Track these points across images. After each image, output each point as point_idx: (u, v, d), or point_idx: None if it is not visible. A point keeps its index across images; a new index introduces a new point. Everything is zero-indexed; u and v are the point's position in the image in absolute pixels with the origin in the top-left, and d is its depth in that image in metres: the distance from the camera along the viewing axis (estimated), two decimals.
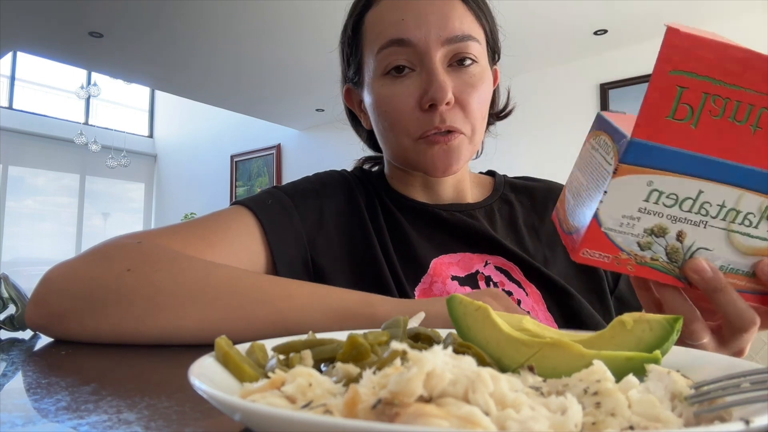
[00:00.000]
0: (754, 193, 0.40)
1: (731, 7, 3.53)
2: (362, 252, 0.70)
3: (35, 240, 6.98)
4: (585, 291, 0.72)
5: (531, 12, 3.49)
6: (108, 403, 0.31)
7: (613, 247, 0.42)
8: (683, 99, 0.39)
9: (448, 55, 0.67)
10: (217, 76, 4.93)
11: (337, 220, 0.72)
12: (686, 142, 0.39)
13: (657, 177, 0.40)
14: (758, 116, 0.40)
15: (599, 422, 0.21)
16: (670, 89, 0.39)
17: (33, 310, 0.54)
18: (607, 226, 0.42)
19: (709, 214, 0.41)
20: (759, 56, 0.39)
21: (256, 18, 3.77)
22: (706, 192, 0.40)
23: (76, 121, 7.35)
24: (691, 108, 0.40)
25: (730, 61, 0.39)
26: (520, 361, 0.29)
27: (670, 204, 0.41)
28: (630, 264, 0.43)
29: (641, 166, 0.39)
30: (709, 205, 0.41)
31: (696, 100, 0.39)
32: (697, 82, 0.39)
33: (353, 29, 0.74)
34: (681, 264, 0.43)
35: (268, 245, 0.65)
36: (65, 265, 0.55)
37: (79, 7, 3.58)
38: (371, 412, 0.20)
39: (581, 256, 0.44)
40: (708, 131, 0.39)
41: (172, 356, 0.49)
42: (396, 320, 0.35)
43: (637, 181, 0.40)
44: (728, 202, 0.41)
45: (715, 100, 0.40)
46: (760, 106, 0.40)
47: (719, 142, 0.39)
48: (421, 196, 0.78)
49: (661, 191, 0.40)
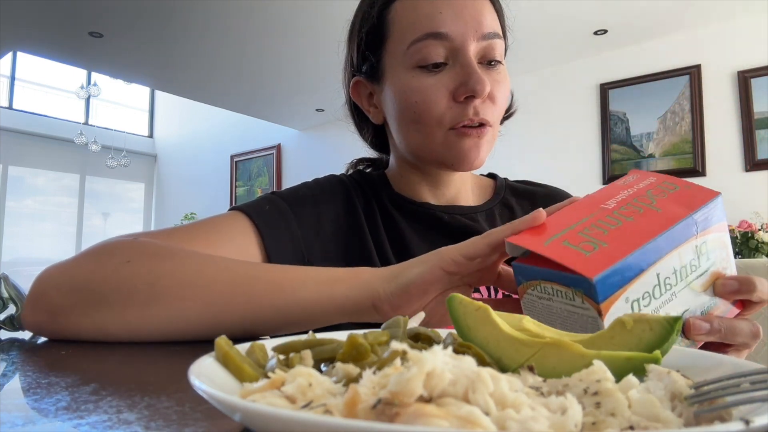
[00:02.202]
0: (684, 245, 0.45)
1: (731, 7, 3.53)
2: (360, 257, 0.70)
3: (35, 240, 6.98)
4: None
5: (531, 12, 3.49)
6: (108, 403, 0.31)
7: None
8: (577, 245, 0.44)
9: (480, 53, 0.68)
10: (217, 76, 4.93)
11: (335, 225, 0.72)
12: (617, 256, 0.42)
13: (629, 291, 0.42)
14: (622, 216, 0.46)
15: (599, 422, 0.21)
16: (562, 249, 0.44)
17: (31, 309, 0.54)
18: None
19: (672, 286, 0.44)
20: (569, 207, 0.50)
21: (256, 18, 3.77)
22: (661, 272, 0.43)
23: (76, 121, 7.35)
24: (589, 242, 0.44)
25: (561, 218, 0.49)
26: (520, 361, 0.29)
27: (647, 303, 0.43)
28: None
29: (614, 293, 0.41)
30: (668, 278, 0.44)
31: (579, 238, 0.44)
32: (567, 235, 0.45)
33: (379, 17, 0.73)
34: None
35: (264, 250, 0.65)
36: (61, 263, 0.56)
37: (79, 7, 3.58)
38: (371, 412, 0.20)
39: None
40: (617, 241, 0.44)
41: (172, 356, 0.49)
42: (396, 320, 0.35)
43: (618, 306, 0.41)
44: (676, 265, 0.45)
45: (588, 230, 0.46)
46: (614, 218, 0.46)
47: (632, 240, 0.43)
48: (426, 196, 0.78)
49: (637, 299, 0.43)
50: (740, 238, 3.15)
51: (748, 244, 3.10)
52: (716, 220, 0.48)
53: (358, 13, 0.77)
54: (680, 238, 0.45)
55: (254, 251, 0.65)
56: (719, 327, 0.46)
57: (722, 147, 3.71)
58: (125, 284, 0.52)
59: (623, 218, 0.46)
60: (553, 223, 0.48)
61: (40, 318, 0.54)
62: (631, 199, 0.49)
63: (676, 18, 3.68)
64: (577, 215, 0.48)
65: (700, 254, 0.46)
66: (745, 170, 3.64)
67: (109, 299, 0.51)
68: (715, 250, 0.47)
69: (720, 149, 3.71)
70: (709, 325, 0.45)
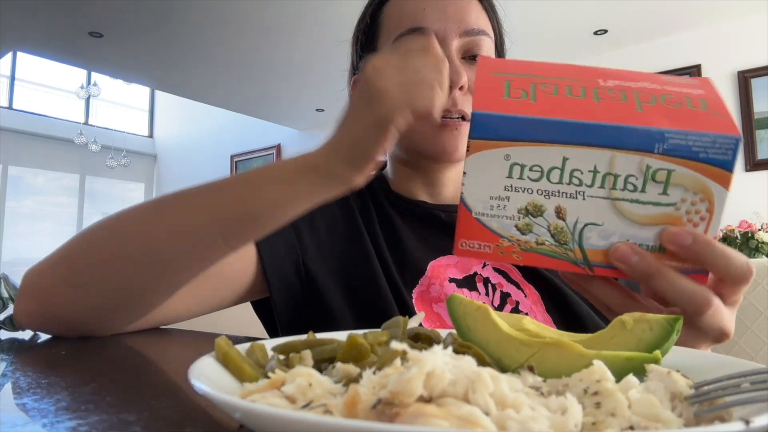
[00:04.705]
0: (626, 153, 0.37)
1: (731, 7, 3.53)
2: (356, 257, 0.70)
3: (35, 240, 6.97)
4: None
5: (531, 12, 3.49)
6: (108, 403, 0.31)
7: (490, 234, 0.40)
8: (513, 86, 0.40)
9: (463, 48, 0.70)
10: (217, 76, 4.93)
11: (330, 224, 0.72)
12: (531, 111, 0.38)
13: (513, 149, 0.37)
14: (594, 92, 0.40)
15: (599, 422, 0.21)
16: (497, 82, 0.40)
17: (20, 303, 0.55)
18: (477, 211, 0.39)
19: (583, 183, 0.37)
20: (564, 65, 0.43)
21: (256, 18, 3.76)
22: (571, 158, 0.37)
23: (76, 121, 7.35)
24: (524, 91, 0.40)
25: (542, 68, 0.43)
26: (520, 361, 0.29)
27: (536, 177, 0.38)
28: (515, 252, 0.40)
29: (493, 140, 0.37)
30: (580, 172, 0.37)
31: (526, 85, 0.40)
32: (520, 78, 0.41)
33: (371, 18, 0.76)
34: (575, 245, 0.39)
35: (258, 250, 0.65)
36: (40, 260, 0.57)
37: (79, 7, 3.58)
38: (371, 412, 0.20)
39: (460, 249, 0.40)
40: (549, 103, 0.39)
41: (172, 356, 0.49)
42: (396, 320, 0.35)
43: (492, 157, 0.37)
44: (600, 167, 0.37)
45: (545, 85, 0.40)
46: (591, 87, 0.40)
47: (565, 111, 0.37)
48: (422, 194, 0.78)
49: (522, 164, 0.37)
50: (740, 238, 3.15)
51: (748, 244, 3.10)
52: (711, 161, 0.36)
53: (361, 13, 0.79)
54: (623, 143, 0.37)
55: (248, 251, 0.65)
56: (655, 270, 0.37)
57: None
58: (101, 236, 0.54)
59: (593, 96, 0.39)
60: (542, 69, 0.43)
61: (30, 307, 0.55)
62: (635, 90, 0.40)
63: (677, 18, 3.68)
64: (567, 73, 0.42)
65: (649, 178, 0.37)
66: (746, 170, 3.64)
67: (86, 262, 0.53)
68: (685, 191, 0.37)
69: None
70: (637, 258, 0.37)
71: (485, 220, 0.39)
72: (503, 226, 0.39)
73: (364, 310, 0.66)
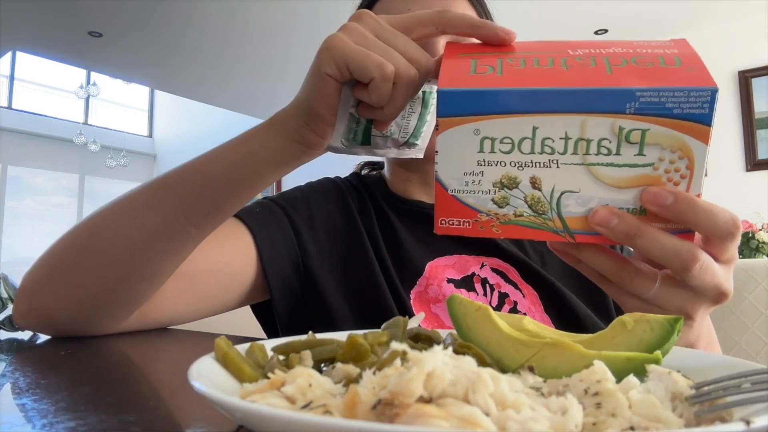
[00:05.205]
0: (597, 116, 0.36)
1: (731, 7, 3.53)
2: (355, 256, 0.70)
3: (34, 240, 6.97)
4: (583, 290, 0.72)
5: (531, 12, 3.49)
6: (108, 403, 0.31)
7: (468, 210, 0.39)
8: (480, 63, 0.40)
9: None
10: (217, 76, 4.93)
11: (329, 225, 0.72)
12: (498, 84, 0.37)
13: (481, 123, 0.37)
14: (563, 61, 0.39)
15: (600, 423, 0.21)
16: (463, 61, 0.41)
17: (16, 305, 0.56)
18: (452, 188, 0.39)
19: (556, 151, 0.37)
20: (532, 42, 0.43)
21: (256, 18, 3.77)
22: (541, 127, 0.36)
23: (76, 121, 7.35)
24: (491, 66, 0.40)
25: (510, 47, 0.43)
26: (520, 362, 0.29)
27: (508, 150, 0.37)
28: (494, 225, 0.40)
29: (460, 116, 0.37)
30: (552, 140, 0.37)
31: (493, 62, 0.40)
32: (487, 56, 0.41)
33: None
34: (553, 214, 0.39)
35: (257, 250, 0.65)
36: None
37: (79, 6, 3.58)
38: (371, 412, 0.20)
39: (440, 227, 0.40)
40: (516, 75, 0.38)
41: (172, 356, 0.49)
42: (396, 320, 0.35)
43: (462, 133, 0.37)
44: (572, 133, 0.36)
45: (512, 60, 0.40)
46: (560, 57, 0.40)
47: (533, 81, 0.37)
48: (420, 195, 0.78)
49: (492, 138, 0.37)
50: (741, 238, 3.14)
51: (749, 244, 3.10)
52: (687, 116, 0.35)
53: None
54: (593, 106, 0.36)
55: (247, 251, 0.65)
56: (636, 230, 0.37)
57: (723, 147, 3.70)
58: (83, 233, 0.55)
59: (561, 65, 0.39)
60: (510, 47, 0.43)
61: (22, 307, 0.56)
62: (605, 56, 0.39)
63: (677, 18, 3.68)
64: (535, 48, 0.42)
65: (623, 140, 0.36)
66: (746, 170, 3.64)
67: (66, 259, 0.54)
68: (662, 150, 0.36)
69: (721, 149, 3.71)
70: (617, 220, 0.37)
71: (461, 196, 0.39)
72: (480, 201, 0.39)
73: (363, 310, 0.66)
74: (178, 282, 0.59)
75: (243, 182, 0.51)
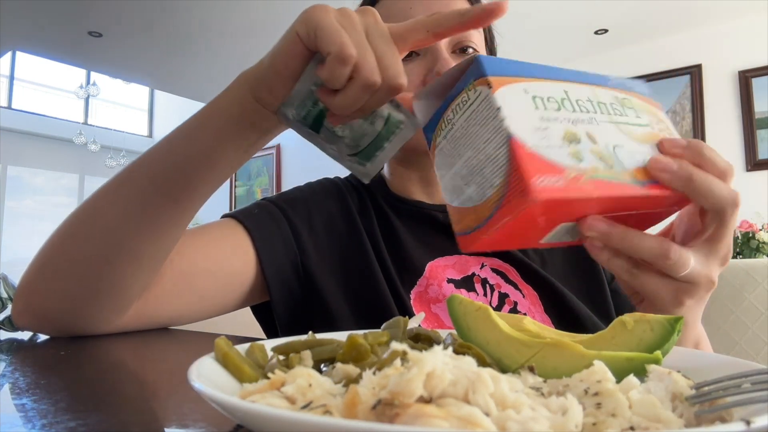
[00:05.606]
0: (596, 87, 0.40)
1: (731, 7, 3.53)
2: (355, 256, 0.70)
3: (34, 240, 6.96)
4: (583, 291, 0.72)
5: (531, 12, 3.49)
6: (108, 403, 0.31)
7: (552, 165, 0.35)
8: None
9: (452, 42, 0.70)
10: (217, 76, 4.92)
11: (328, 225, 0.72)
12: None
13: (527, 84, 0.37)
14: None
15: (600, 423, 0.21)
16: None
17: (14, 305, 0.57)
18: (532, 143, 0.35)
19: (590, 111, 0.38)
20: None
21: (256, 18, 3.76)
22: (569, 91, 0.38)
23: (76, 121, 7.34)
24: None
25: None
26: (520, 362, 0.29)
27: (556, 108, 0.37)
28: (584, 180, 0.35)
29: (507, 76, 0.36)
30: (582, 102, 0.38)
31: None
32: None
33: None
34: (620, 167, 0.37)
35: (256, 251, 0.65)
36: None
37: (79, 6, 3.57)
38: (371, 412, 0.20)
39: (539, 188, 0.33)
40: None
41: (172, 356, 0.49)
42: (396, 321, 0.35)
43: (515, 91, 0.36)
44: (591, 97, 0.39)
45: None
46: None
47: None
48: (419, 194, 0.78)
49: (540, 96, 0.37)
50: (741, 238, 3.14)
51: (749, 244, 3.10)
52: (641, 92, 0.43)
53: None
54: (591, 79, 0.41)
55: (246, 252, 0.65)
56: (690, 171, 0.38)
57: (723, 147, 3.70)
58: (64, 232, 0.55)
59: None
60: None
61: (19, 306, 0.56)
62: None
63: (677, 17, 3.68)
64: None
65: (626, 106, 0.41)
66: (746, 170, 3.64)
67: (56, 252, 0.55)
68: (647, 114, 0.42)
69: (721, 149, 3.65)
70: (675, 165, 0.38)
71: (543, 150, 0.35)
72: (560, 156, 0.35)
73: (363, 310, 0.66)
74: (177, 281, 0.59)
75: (205, 144, 0.51)
